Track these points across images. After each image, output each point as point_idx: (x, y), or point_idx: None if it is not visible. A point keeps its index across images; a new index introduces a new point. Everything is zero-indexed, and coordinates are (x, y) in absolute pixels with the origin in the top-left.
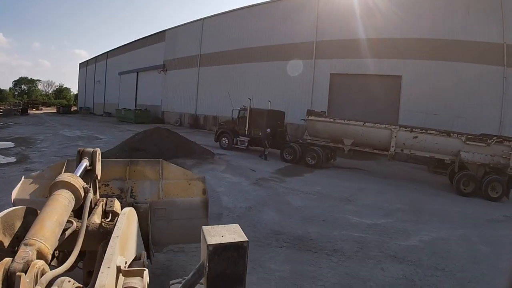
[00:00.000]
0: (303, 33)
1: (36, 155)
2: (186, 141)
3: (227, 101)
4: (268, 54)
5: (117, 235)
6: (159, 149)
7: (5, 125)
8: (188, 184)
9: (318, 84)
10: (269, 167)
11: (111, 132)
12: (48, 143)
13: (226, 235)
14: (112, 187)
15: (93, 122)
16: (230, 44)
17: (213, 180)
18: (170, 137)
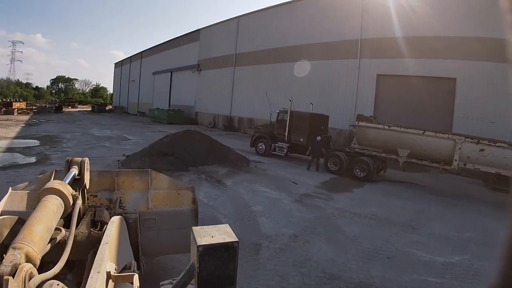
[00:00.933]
0: (346, 31)
1: (58, 155)
2: (219, 146)
3: (264, 103)
4: (308, 53)
5: (106, 242)
6: (189, 154)
7: (36, 123)
8: (177, 194)
9: (363, 86)
10: (312, 179)
11: (141, 133)
12: (74, 143)
13: (216, 235)
14: (101, 198)
15: (125, 122)
16: (267, 42)
17: (249, 195)
18: (202, 140)
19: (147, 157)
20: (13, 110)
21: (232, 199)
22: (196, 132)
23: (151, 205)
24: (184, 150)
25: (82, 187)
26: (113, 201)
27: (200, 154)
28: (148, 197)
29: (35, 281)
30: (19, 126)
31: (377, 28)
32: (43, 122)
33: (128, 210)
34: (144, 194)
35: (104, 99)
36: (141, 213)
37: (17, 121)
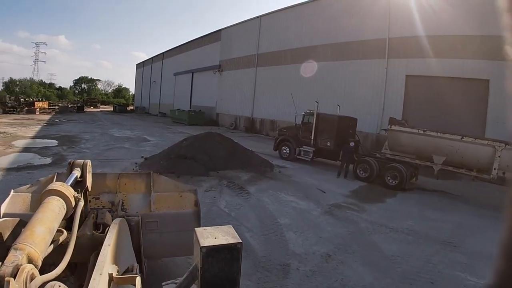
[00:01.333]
0: (373, 29)
1: (75, 157)
2: (241, 149)
3: (286, 104)
4: (332, 52)
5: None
6: (210, 157)
7: (57, 122)
8: (179, 196)
9: (391, 87)
10: (341, 187)
11: (162, 134)
12: (92, 144)
13: (219, 236)
14: (103, 201)
15: (146, 122)
16: (290, 42)
17: (274, 205)
18: (224, 143)
19: (165, 160)
20: (35, 109)
21: (256, 209)
22: (217, 134)
23: (153, 207)
24: (204, 153)
25: (84, 189)
26: (115, 203)
27: (222, 157)
28: (150, 200)
29: (37, 282)
30: (40, 125)
31: (405, 26)
32: (64, 122)
33: (130, 212)
34: (146, 196)
35: (126, 99)
36: (143, 215)
37: (38, 121)
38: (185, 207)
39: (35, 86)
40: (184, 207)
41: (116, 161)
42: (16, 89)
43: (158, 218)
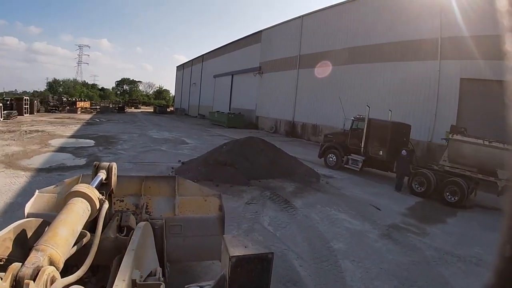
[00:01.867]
0: (423, 28)
1: (110, 158)
2: (285, 157)
3: (330, 108)
4: (380, 53)
5: (133, 248)
6: (251, 165)
7: (97, 122)
8: (204, 201)
9: (444, 91)
10: (396, 203)
11: (200, 136)
12: (129, 145)
13: (250, 245)
14: (127, 203)
15: (185, 124)
16: (334, 43)
17: (325, 224)
18: (266, 150)
19: (203, 166)
20: (77, 109)
21: (304, 229)
22: (260, 139)
23: (178, 211)
24: (245, 160)
25: (109, 191)
26: (140, 206)
27: (264, 165)
28: (174, 203)
29: (57, 285)
30: (79, 124)
31: (460, 24)
32: (103, 121)
33: (154, 216)
34: (171, 200)
35: (167, 101)
36: (167, 219)
37: (78, 120)
38: (209, 211)
39: (78, 87)
40: (208, 211)
41: (152, 164)
42: (59, 89)
43: (182, 222)
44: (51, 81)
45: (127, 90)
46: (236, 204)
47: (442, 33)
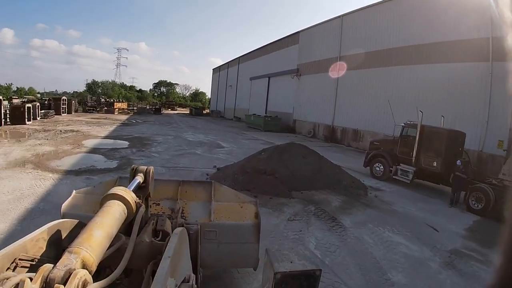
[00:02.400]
0: (472, 27)
1: (142, 162)
2: (329, 165)
3: (372, 112)
4: (426, 54)
5: (169, 256)
6: (293, 174)
7: (133, 123)
8: (240, 207)
9: (497, 96)
10: (453, 222)
11: (236, 140)
12: (163, 147)
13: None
14: (163, 207)
15: (220, 126)
16: (376, 43)
17: (379, 248)
18: (308, 157)
19: (240, 174)
20: (114, 109)
21: (356, 255)
22: (301, 145)
23: (213, 217)
24: (286, 168)
25: (146, 195)
26: (176, 210)
27: (306, 175)
28: (210, 209)
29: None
30: (115, 125)
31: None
32: (139, 122)
33: (189, 220)
34: (207, 205)
35: (203, 103)
36: (202, 224)
37: (114, 120)
38: (245, 218)
39: (116, 88)
40: (244, 218)
41: (186, 170)
42: (98, 90)
43: (217, 228)
44: (90, 82)
45: (164, 92)
46: (277, 221)
47: (494, 32)
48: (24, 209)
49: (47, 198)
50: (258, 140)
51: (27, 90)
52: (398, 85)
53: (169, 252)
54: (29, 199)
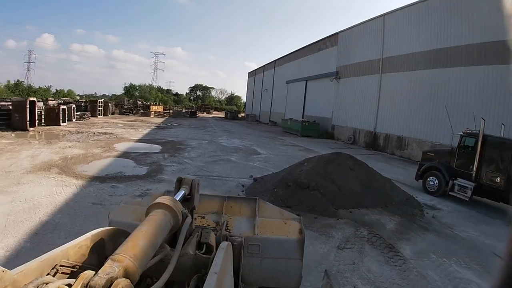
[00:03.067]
0: None
1: (173, 169)
2: (379, 179)
3: (419, 118)
4: (479, 54)
5: (215, 271)
6: (339, 189)
7: (167, 126)
8: (284, 223)
9: None
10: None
11: (273, 146)
12: (197, 153)
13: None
14: (208, 220)
15: (256, 131)
16: (424, 43)
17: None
18: (356, 170)
19: (280, 188)
20: (150, 112)
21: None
22: (348, 156)
23: (257, 231)
24: (332, 183)
25: (191, 208)
26: (220, 223)
27: (355, 190)
28: (254, 224)
29: None
30: (149, 128)
31: None
32: (174, 126)
33: (233, 233)
34: (251, 220)
35: (238, 107)
36: (246, 237)
37: (149, 123)
38: (289, 234)
39: (153, 91)
40: (288, 234)
41: (220, 179)
42: (135, 93)
43: (261, 242)
44: (127, 86)
45: (200, 96)
46: (325, 249)
47: None
48: (38, 221)
49: (65, 209)
50: (295, 147)
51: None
52: (450, 88)
53: (215, 267)
54: (45, 209)
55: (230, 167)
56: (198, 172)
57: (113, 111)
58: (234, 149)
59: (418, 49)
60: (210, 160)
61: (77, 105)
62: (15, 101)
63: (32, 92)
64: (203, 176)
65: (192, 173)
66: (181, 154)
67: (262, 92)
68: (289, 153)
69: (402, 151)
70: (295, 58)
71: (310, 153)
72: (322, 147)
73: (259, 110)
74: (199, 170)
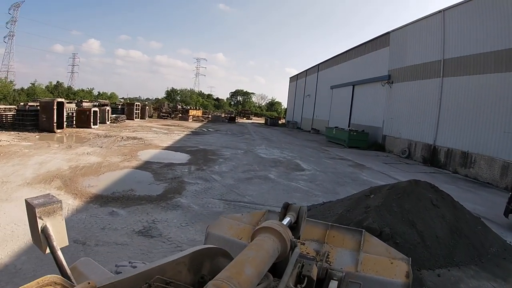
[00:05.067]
0: None
1: (196, 188)
2: (467, 219)
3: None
4: None
5: None
6: (421, 236)
7: (203, 132)
8: (390, 263)
9: None
10: None
11: (318, 159)
12: (229, 166)
13: None
14: (308, 247)
15: (298, 140)
16: (495, 42)
17: None
18: (442, 206)
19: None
20: (188, 116)
21: None
22: (428, 185)
23: (360, 267)
24: (411, 227)
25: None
26: (321, 253)
27: (441, 238)
28: (357, 258)
29: None
30: (183, 133)
31: None
32: (210, 131)
33: (334, 266)
34: (354, 254)
35: (278, 113)
36: (347, 273)
37: (185, 128)
38: (394, 276)
39: (194, 96)
40: (393, 275)
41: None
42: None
43: (363, 280)
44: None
45: (240, 101)
46: None
47: None
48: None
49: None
50: (344, 160)
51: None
52: None
53: None
54: (14, 245)
55: (267, 188)
56: (226, 194)
57: (151, 114)
58: (273, 162)
59: (487, 48)
60: (243, 177)
61: (114, 107)
62: (42, 102)
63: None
64: (232, 201)
65: (218, 196)
66: (211, 167)
67: (304, 98)
68: (338, 169)
69: (468, 170)
70: (340, 61)
71: (362, 169)
72: (375, 162)
73: (301, 116)
74: (227, 192)
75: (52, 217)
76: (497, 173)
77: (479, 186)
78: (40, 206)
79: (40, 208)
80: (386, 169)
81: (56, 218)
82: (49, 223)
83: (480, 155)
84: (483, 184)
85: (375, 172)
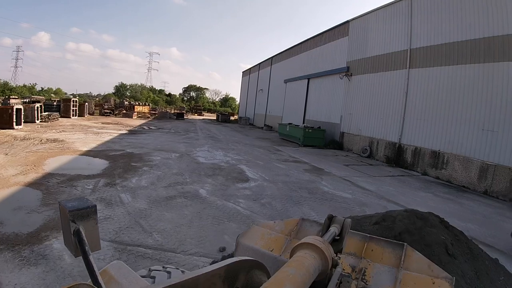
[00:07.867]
0: None
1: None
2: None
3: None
4: None
5: None
6: None
7: (142, 130)
8: (432, 283)
9: None
10: None
11: (268, 163)
12: (152, 178)
13: None
14: (344, 262)
15: (247, 138)
16: (468, 31)
17: None
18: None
19: None
20: (133, 113)
21: None
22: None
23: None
24: None
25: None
26: (357, 270)
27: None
28: (397, 277)
29: None
30: (118, 132)
31: None
32: (151, 130)
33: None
34: (393, 271)
35: (233, 109)
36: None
37: (124, 126)
38: None
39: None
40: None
41: (155, 257)
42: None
43: None
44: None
45: (193, 97)
46: None
47: None
48: None
49: None
50: (299, 164)
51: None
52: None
53: None
54: None
55: (190, 215)
56: (125, 231)
57: (92, 111)
58: (212, 170)
59: (461, 37)
60: (163, 196)
61: (49, 104)
62: None
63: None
64: (128, 245)
65: (112, 234)
66: (126, 180)
67: (257, 92)
68: (292, 176)
69: (439, 171)
70: (295, 54)
71: (321, 175)
72: (334, 164)
73: (253, 112)
74: (129, 226)
75: (86, 221)
76: (474, 176)
77: (457, 192)
78: (73, 209)
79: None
80: (349, 173)
81: (90, 222)
82: (82, 227)
83: (454, 155)
84: (458, 188)
85: (337, 179)
